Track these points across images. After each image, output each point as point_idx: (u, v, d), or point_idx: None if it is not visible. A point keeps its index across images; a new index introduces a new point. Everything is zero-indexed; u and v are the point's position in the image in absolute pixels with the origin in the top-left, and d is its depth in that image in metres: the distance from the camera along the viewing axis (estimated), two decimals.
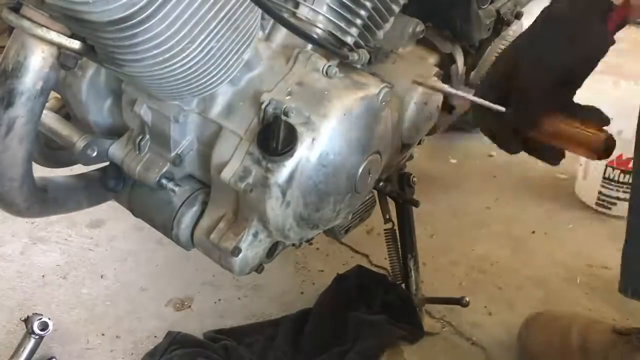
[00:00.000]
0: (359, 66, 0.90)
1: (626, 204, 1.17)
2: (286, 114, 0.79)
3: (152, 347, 1.20)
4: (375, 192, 1.14)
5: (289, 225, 0.85)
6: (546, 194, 1.72)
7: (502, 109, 0.77)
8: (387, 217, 1.23)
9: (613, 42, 0.76)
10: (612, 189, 1.60)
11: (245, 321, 1.27)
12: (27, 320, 1.11)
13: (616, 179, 1.58)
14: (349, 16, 0.87)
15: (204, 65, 0.73)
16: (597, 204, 1.63)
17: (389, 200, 1.24)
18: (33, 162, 0.80)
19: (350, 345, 1.17)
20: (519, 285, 1.38)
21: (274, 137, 0.77)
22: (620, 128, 1.24)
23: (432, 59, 1.07)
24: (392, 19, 0.95)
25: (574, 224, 1.61)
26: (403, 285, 1.28)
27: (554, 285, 1.38)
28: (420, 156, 1.20)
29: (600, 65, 0.77)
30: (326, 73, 0.83)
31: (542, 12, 0.79)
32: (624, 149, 1.56)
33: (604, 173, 1.60)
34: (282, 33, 0.89)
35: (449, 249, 1.48)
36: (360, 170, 0.89)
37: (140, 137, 0.89)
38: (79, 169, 0.97)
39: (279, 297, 1.34)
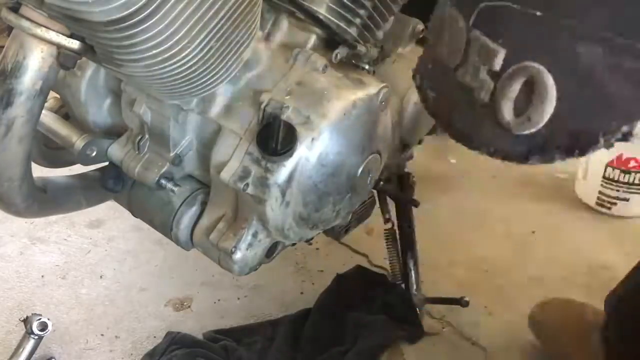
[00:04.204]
0: (365, 64, 0.89)
1: (626, 204, 1.17)
2: (285, 113, 0.79)
3: (151, 347, 1.20)
4: (375, 192, 1.14)
5: (288, 225, 0.85)
6: (546, 194, 1.72)
7: None
8: (387, 217, 1.23)
9: None
10: (612, 189, 1.60)
11: (245, 321, 1.27)
12: (26, 321, 1.11)
13: (616, 178, 1.58)
14: (348, 16, 0.86)
15: (203, 65, 0.73)
16: (597, 203, 1.63)
17: (389, 200, 1.24)
18: (32, 162, 0.80)
19: (350, 346, 1.17)
20: (519, 285, 1.38)
21: (274, 137, 0.77)
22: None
23: None
24: (391, 19, 0.94)
25: (574, 224, 1.61)
26: (403, 285, 1.28)
27: (554, 285, 1.38)
28: (420, 156, 1.20)
29: None
30: (324, 68, 0.83)
31: None
32: (624, 149, 1.57)
33: (604, 173, 1.60)
34: (281, 32, 0.89)
35: (449, 249, 1.48)
36: (360, 170, 0.89)
37: (140, 137, 0.89)
38: (78, 169, 0.97)
39: (279, 297, 1.34)
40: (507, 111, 0.42)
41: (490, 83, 0.42)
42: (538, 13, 0.40)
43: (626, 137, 0.41)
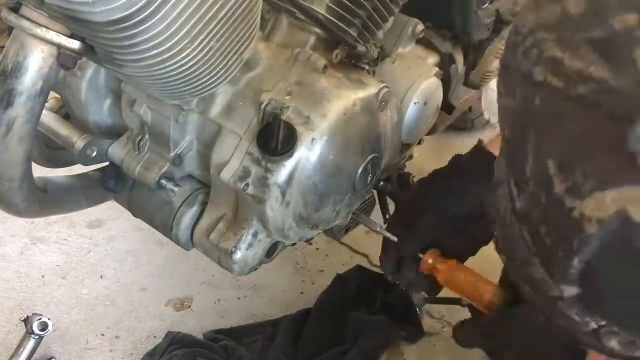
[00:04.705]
0: (365, 64, 0.89)
1: None
2: (286, 113, 0.79)
3: (151, 347, 1.20)
4: (375, 192, 1.14)
5: (288, 225, 0.85)
6: None
7: (395, 238, 0.93)
8: (387, 217, 1.23)
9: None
10: None
11: (245, 321, 1.27)
12: (27, 321, 1.11)
13: None
14: (348, 16, 0.87)
15: (203, 65, 0.73)
16: None
17: (389, 200, 1.24)
18: (32, 162, 0.80)
19: (350, 346, 1.17)
20: None
21: (274, 137, 0.77)
22: None
23: (432, 59, 1.07)
24: (391, 19, 0.95)
25: None
26: None
27: None
28: (420, 156, 1.20)
29: None
30: (324, 68, 0.83)
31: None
32: None
33: None
34: (281, 33, 0.89)
35: None
36: (360, 170, 0.89)
37: (140, 137, 0.89)
38: (78, 169, 0.97)
39: (279, 297, 1.34)
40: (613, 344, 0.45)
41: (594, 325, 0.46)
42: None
43: None
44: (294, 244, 0.97)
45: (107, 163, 0.95)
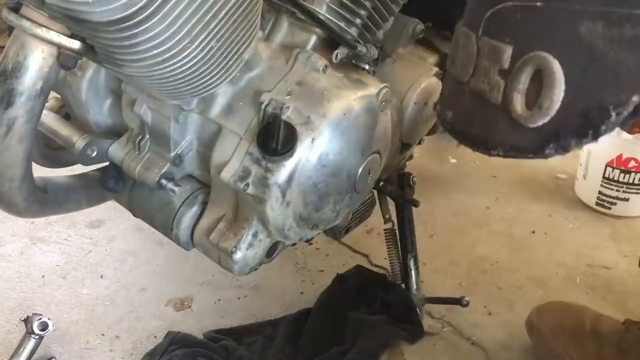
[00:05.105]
0: (365, 64, 0.89)
1: (626, 204, 1.14)
2: (286, 113, 0.79)
3: (151, 347, 1.20)
4: (375, 192, 1.14)
5: (288, 225, 0.85)
6: (546, 194, 1.72)
7: None
8: (387, 217, 1.23)
9: None
10: (612, 189, 1.60)
11: (245, 321, 1.27)
12: (27, 321, 1.11)
13: (616, 178, 1.58)
14: (348, 16, 0.87)
15: (203, 65, 0.73)
16: (597, 203, 1.63)
17: (389, 200, 1.24)
18: (33, 162, 0.80)
19: (350, 345, 1.17)
20: (519, 285, 1.38)
21: (274, 137, 0.77)
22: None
23: (432, 59, 1.07)
24: (391, 19, 0.95)
25: (574, 224, 1.61)
26: (403, 285, 1.28)
27: (554, 285, 1.38)
28: (420, 156, 1.20)
29: None
30: (324, 68, 0.83)
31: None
32: (624, 149, 1.57)
33: (604, 173, 1.60)
34: (282, 33, 0.89)
35: (449, 249, 1.48)
36: (360, 170, 0.89)
37: (140, 137, 0.89)
38: (79, 169, 0.97)
39: (279, 297, 1.34)
40: (518, 105, 0.44)
41: (501, 82, 0.44)
42: (538, 4, 0.41)
43: (637, 110, 0.41)
44: (294, 244, 0.97)
45: (107, 163, 0.95)
